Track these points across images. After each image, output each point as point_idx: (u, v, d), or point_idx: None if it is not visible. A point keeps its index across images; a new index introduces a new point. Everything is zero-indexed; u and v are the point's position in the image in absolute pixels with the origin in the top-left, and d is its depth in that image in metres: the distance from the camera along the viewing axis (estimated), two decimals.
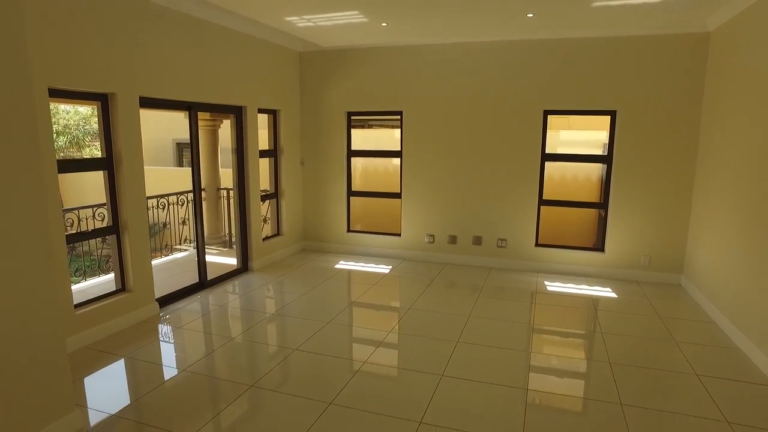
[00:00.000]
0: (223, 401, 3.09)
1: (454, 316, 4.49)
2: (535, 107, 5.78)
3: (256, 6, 4.58)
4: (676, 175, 5.42)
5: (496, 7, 4.42)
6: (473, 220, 6.22)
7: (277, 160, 6.39)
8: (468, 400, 3.11)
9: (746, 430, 2.79)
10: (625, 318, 4.57)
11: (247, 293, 5.17)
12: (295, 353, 3.73)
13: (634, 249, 5.70)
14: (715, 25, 4.89)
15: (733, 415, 2.94)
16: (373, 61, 6.27)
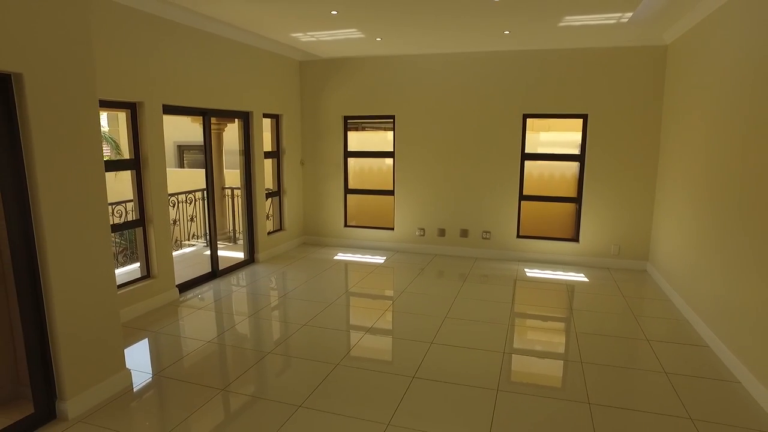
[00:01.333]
0: (246, 365, 3.64)
1: (443, 298, 5.07)
2: (514, 111, 6.39)
3: (267, 25, 5.14)
4: (640, 172, 6.05)
5: (477, 27, 5.01)
6: (460, 215, 6.81)
7: (280, 160, 6.94)
8: (454, 361, 3.68)
9: (680, 378, 3.39)
10: (594, 298, 5.17)
11: (256, 281, 5.71)
12: (304, 327, 4.29)
13: (605, 239, 6.33)
14: (670, 39, 5.53)
15: (671, 366, 3.55)
16: (368, 69, 6.85)
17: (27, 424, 2.77)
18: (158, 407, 3.09)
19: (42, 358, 2.82)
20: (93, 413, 2.94)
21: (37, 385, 2.82)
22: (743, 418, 2.94)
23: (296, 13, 4.59)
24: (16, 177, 2.62)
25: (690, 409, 3.03)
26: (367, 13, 4.54)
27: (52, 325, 2.80)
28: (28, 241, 2.70)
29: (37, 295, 2.77)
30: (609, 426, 2.85)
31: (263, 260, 6.50)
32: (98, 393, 3.05)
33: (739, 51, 3.74)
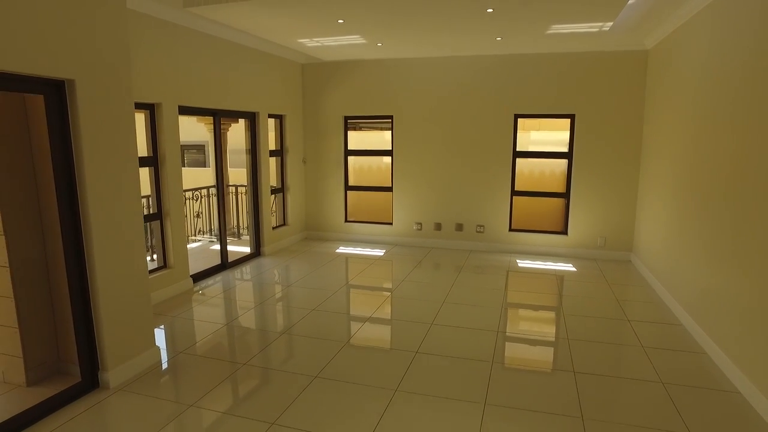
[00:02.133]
0: (263, 343, 3.98)
1: (440, 286, 5.44)
2: (506, 111, 6.78)
3: (277, 32, 5.49)
4: (624, 169, 6.46)
5: (471, 34, 5.39)
6: (455, 210, 7.19)
7: (283, 159, 7.28)
8: (452, 339, 4.05)
9: (655, 351, 3.79)
10: (580, 286, 5.57)
11: (264, 272, 6.05)
12: (313, 312, 4.64)
13: (592, 232, 6.73)
14: (651, 44, 5.94)
15: (648, 342, 3.94)
16: (367, 71, 7.21)
17: (75, 391, 3.10)
18: (188, 378, 3.42)
19: (87, 334, 3.15)
20: (130, 383, 3.28)
21: (84, 358, 3.15)
22: (708, 381, 3.33)
23: (306, 21, 4.94)
24: (67, 171, 2.95)
25: (661, 374, 3.42)
26: (371, 22, 4.90)
27: (96, 305, 3.14)
28: (77, 231, 3.04)
29: (83, 278, 3.10)
30: (590, 390, 3.23)
31: (269, 253, 6.84)
32: (133, 366, 3.38)
33: (709, 56, 4.14)
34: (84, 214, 3.02)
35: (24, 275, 3.25)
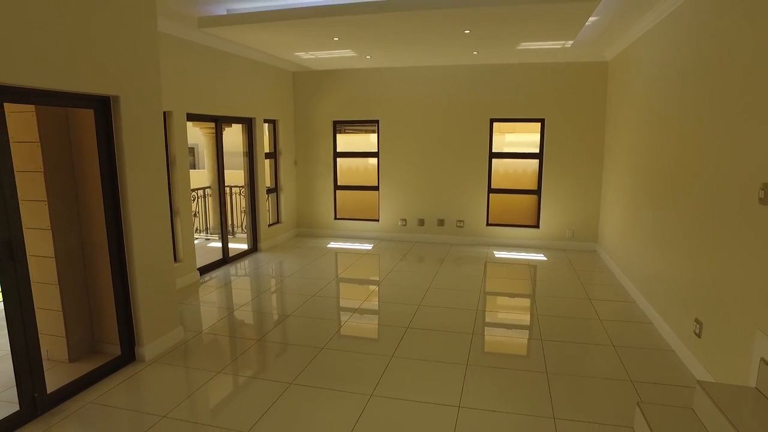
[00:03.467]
0: (272, 324, 4.53)
1: (425, 275, 6.04)
2: (483, 116, 7.43)
3: (277, 47, 6.02)
4: (589, 168, 7.17)
5: (451, 48, 6.02)
6: (437, 206, 7.82)
7: (277, 161, 7.81)
8: (437, 316, 4.66)
9: (611, 323, 4.45)
10: (550, 273, 6.23)
11: (263, 265, 6.57)
12: (313, 297, 5.19)
13: (561, 225, 7.43)
14: (610, 56, 6.65)
15: (605, 315, 4.61)
16: (355, 79, 7.79)
17: (116, 363, 3.61)
18: (211, 352, 3.95)
19: (126, 313, 3.66)
20: (163, 356, 3.80)
21: (123, 334, 3.66)
22: (650, 343, 4.00)
23: (305, 38, 5.49)
24: (112, 175, 3.46)
25: (613, 339, 4.08)
26: (363, 39, 5.49)
27: (134, 288, 3.65)
28: (119, 225, 3.55)
29: (123, 266, 3.61)
30: (554, 353, 3.86)
31: (265, 249, 7.36)
32: (164, 342, 3.90)
33: (656, 69, 4.83)
34: (125, 211, 3.53)
35: (66, 265, 3.75)
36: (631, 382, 3.41)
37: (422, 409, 3.08)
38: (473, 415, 3.00)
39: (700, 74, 3.70)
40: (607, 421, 2.93)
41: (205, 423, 2.96)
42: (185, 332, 4.27)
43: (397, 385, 3.37)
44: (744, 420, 2.37)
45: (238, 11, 4.65)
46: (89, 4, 3.12)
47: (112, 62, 3.31)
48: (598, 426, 2.89)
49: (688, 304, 3.71)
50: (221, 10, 4.64)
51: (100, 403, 3.16)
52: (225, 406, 3.18)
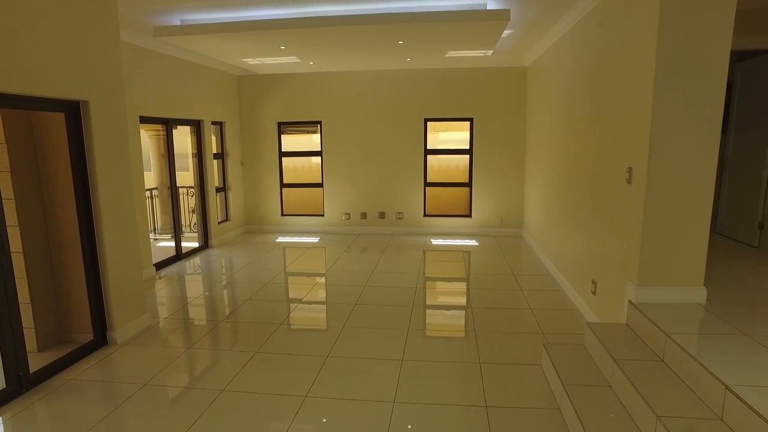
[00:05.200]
0: (229, 309, 4.94)
1: (369, 262, 6.62)
2: (418, 116, 8.11)
3: (226, 54, 6.38)
4: (514, 161, 8.02)
5: (387, 55, 6.63)
6: (378, 200, 8.42)
7: (224, 161, 8.12)
8: (382, 294, 5.24)
9: (531, 292, 5.22)
10: (481, 255, 6.99)
11: (215, 260, 6.91)
12: (267, 285, 5.63)
13: (491, 214, 8.24)
14: (528, 62, 7.51)
15: (526, 286, 5.37)
16: (298, 82, 8.24)
17: (90, 346, 3.92)
18: (179, 333, 4.32)
19: (97, 300, 3.98)
20: (134, 339, 4.15)
21: (95, 320, 3.97)
22: (560, 305, 4.78)
23: (254, 47, 5.90)
24: (83, 174, 3.78)
25: (531, 304, 4.83)
26: (307, 49, 5.99)
27: (105, 277, 3.97)
28: (90, 221, 3.87)
29: (94, 256, 3.93)
30: (482, 318, 4.54)
31: (216, 246, 7.67)
32: (134, 326, 4.24)
33: (560, 73, 5.66)
34: (96, 208, 3.86)
35: (34, 260, 4.01)
36: (542, 334, 4.14)
37: (372, 364, 3.65)
38: (414, 367, 3.60)
39: (587, 81, 4.50)
40: (522, 362, 3.62)
41: (185, 386, 3.38)
42: (150, 319, 4.60)
43: (349, 348, 3.92)
44: (616, 346, 3.11)
45: (191, 22, 5.02)
46: (61, 16, 3.45)
47: (82, 69, 3.64)
48: (515, 366, 3.57)
49: (587, 270, 4.51)
50: (175, 20, 4.99)
51: (82, 378, 3.50)
52: (200, 372, 3.60)
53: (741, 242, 5.40)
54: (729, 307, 3.32)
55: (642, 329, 3.20)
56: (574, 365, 3.21)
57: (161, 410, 3.10)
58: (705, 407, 2.38)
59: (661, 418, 2.29)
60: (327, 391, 3.27)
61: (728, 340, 2.79)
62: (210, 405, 3.11)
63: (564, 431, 2.77)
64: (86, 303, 3.97)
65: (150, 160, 9.09)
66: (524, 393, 3.21)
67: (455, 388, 3.28)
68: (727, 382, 2.28)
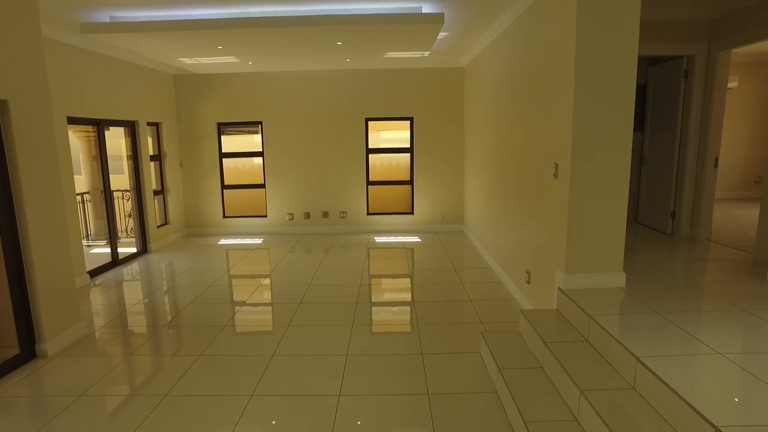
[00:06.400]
0: (170, 314, 4.84)
1: (314, 261, 6.65)
2: (359, 115, 8.20)
3: (161, 52, 6.18)
4: (453, 159, 8.27)
5: (326, 56, 6.67)
6: (321, 200, 8.45)
7: (162, 163, 7.88)
8: (326, 292, 5.30)
9: (471, 285, 5.43)
10: (424, 251, 7.18)
11: (154, 264, 6.70)
12: (209, 288, 5.55)
13: (433, 210, 8.46)
14: (465, 63, 7.78)
15: (466, 279, 5.59)
16: (238, 83, 8.12)
17: (16, 361, 3.73)
18: (117, 341, 4.19)
19: (24, 312, 3.79)
20: (67, 349, 3.99)
21: (21, 332, 3.79)
22: (499, 295, 5.01)
23: (190, 46, 5.76)
24: (3, 177, 3.60)
25: (471, 296, 5.04)
26: (245, 49, 5.92)
27: (32, 286, 3.79)
28: (14, 228, 3.68)
29: (19, 265, 3.74)
30: (424, 312, 4.69)
31: (155, 250, 7.44)
32: (67, 337, 4.07)
33: (492, 74, 5.92)
34: (20, 213, 3.68)
35: None
36: (482, 323, 4.34)
37: (317, 361, 3.70)
38: (359, 361, 3.69)
39: (517, 82, 4.76)
40: (463, 351, 3.79)
41: (125, 394, 3.31)
42: (86, 327, 4.43)
43: (294, 346, 3.95)
44: (547, 330, 3.33)
45: (121, 19, 4.86)
46: None
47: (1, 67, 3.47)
48: (455, 355, 3.74)
49: (521, 261, 4.76)
50: (104, 17, 4.82)
51: (5, 396, 3.33)
52: (141, 379, 3.53)
53: (658, 230, 5.86)
54: (645, 289, 3.63)
55: (569, 313, 3.44)
56: (509, 350, 3.41)
57: (99, 421, 3.02)
58: (621, 379, 2.62)
59: (584, 392, 2.50)
60: (272, 389, 3.30)
61: (642, 318, 3.06)
62: (152, 411, 3.06)
63: (500, 412, 2.95)
64: (11, 314, 3.77)
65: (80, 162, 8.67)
66: (464, 379, 3.38)
67: (398, 379, 3.40)
68: (638, 354, 2.52)
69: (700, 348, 2.61)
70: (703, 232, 5.41)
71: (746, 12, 4.73)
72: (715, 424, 1.94)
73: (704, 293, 3.57)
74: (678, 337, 2.75)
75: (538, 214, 4.24)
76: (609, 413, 2.32)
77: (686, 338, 2.74)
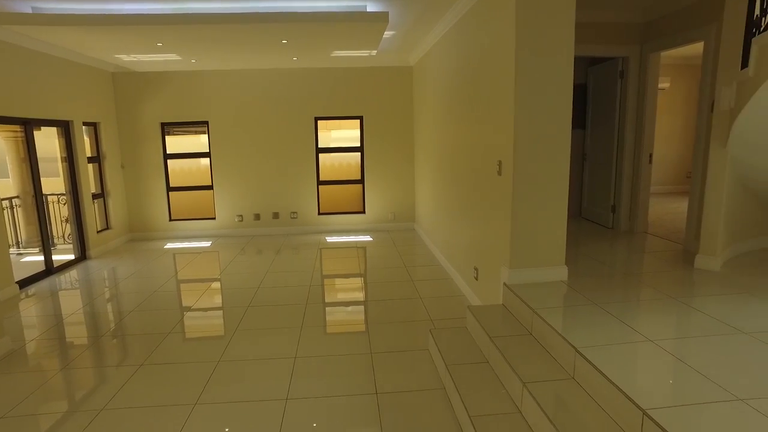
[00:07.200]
0: (111, 322, 4.62)
1: (263, 263, 6.52)
2: (308, 114, 8.11)
3: (94, 49, 5.88)
4: (403, 157, 8.31)
5: (272, 54, 6.55)
6: (271, 200, 8.31)
7: (101, 164, 7.52)
8: (276, 294, 5.20)
9: (422, 283, 5.47)
10: (375, 250, 7.18)
11: (94, 272, 6.38)
12: (153, 294, 5.33)
13: (384, 209, 8.48)
14: (413, 62, 7.83)
15: (418, 277, 5.63)
16: (182, 81, 7.85)
17: None
18: (47, 356, 3.95)
19: None
20: None
21: None
22: (448, 292, 5.07)
23: (126, 43, 5.52)
24: None
25: (422, 294, 5.08)
26: (187, 46, 5.73)
27: None
28: None
29: None
30: (375, 309, 4.69)
31: (95, 256, 7.09)
32: None
33: (438, 74, 5.98)
34: None
35: None
36: (431, 320, 4.38)
37: (265, 365, 3.63)
38: (307, 363, 3.64)
39: (462, 81, 4.83)
40: (412, 349, 3.81)
41: (57, 411, 3.12)
42: (12, 342, 4.16)
43: (242, 351, 3.86)
44: (492, 325, 3.39)
45: (45, 11, 4.58)
46: None
47: None
48: (405, 353, 3.75)
49: (470, 257, 4.84)
50: (26, 7, 4.52)
51: None
52: (76, 394, 3.34)
53: (600, 224, 6.10)
54: (586, 281, 3.76)
55: (514, 308, 3.52)
56: (457, 346, 3.45)
57: None
58: (562, 370, 2.70)
59: (526, 384, 2.55)
60: (217, 397, 3.20)
61: (582, 310, 3.16)
62: (86, 427, 2.91)
63: (448, 408, 2.98)
64: None
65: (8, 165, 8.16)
66: (413, 377, 3.39)
67: (347, 380, 3.37)
68: (577, 345, 2.60)
69: (634, 336, 2.72)
70: (641, 224, 5.67)
71: (673, 17, 4.99)
72: (643, 407, 2.02)
73: (640, 283, 3.73)
74: (614, 327, 2.86)
75: (484, 212, 4.31)
76: (549, 403, 2.38)
77: (622, 328, 2.85)
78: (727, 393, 2.12)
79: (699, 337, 2.71)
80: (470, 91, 4.60)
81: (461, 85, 4.92)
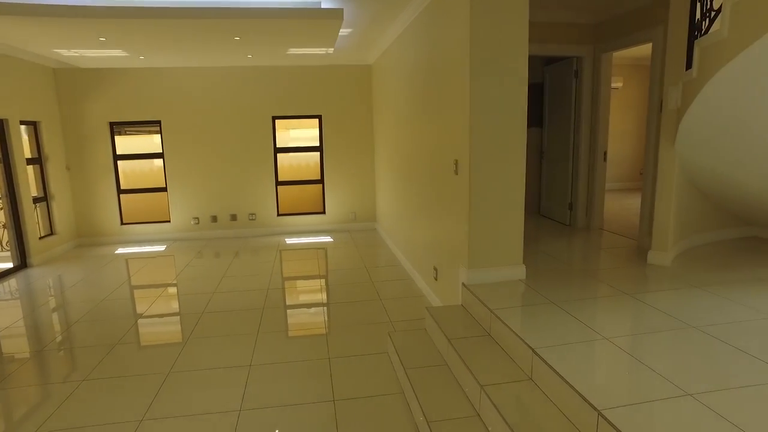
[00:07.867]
0: (56, 333, 4.35)
1: (220, 267, 6.32)
2: (266, 114, 7.92)
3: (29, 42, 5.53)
4: (364, 156, 8.23)
5: (225, 51, 6.34)
6: (228, 202, 8.07)
7: (43, 166, 7.12)
8: (232, 299, 5.03)
9: (381, 283, 5.40)
10: (336, 250, 7.07)
11: (36, 280, 6.03)
12: (102, 302, 5.07)
13: (345, 209, 8.37)
14: (372, 60, 7.75)
15: (376, 277, 5.56)
16: (132, 79, 7.52)
17: None
18: None
19: None
20: None
21: None
22: (409, 293, 5.02)
23: (64, 37, 5.21)
24: None
25: (382, 295, 5.01)
26: (132, 41, 5.46)
27: None
28: None
29: None
30: (335, 311, 4.59)
31: (38, 264, 6.70)
32: None
33: (400, 71, 5.93)
34: None
35: None
36: (391, 322, 4.31)
37: (218, 374, 3.48)
38: (263, 371, 3.52)
39: (419, 80, 4.78)
40: (371, 352, 3.73)
41: None
42: None
43: (194, 360, 3.69)
44: (451, 326, 3.35)
45: None
46: None
47: None
48: (363, 357, 3.67)
49: (429, 257, 4.80)
50: None
51: None
52: (5, 417, 3.11)
53: (558, 221, 6.19)
54: (543, 280, 3.77)
55: (473, 308, 3.50)
56: (415, 349, 3.40)
57: None
58: (520, 371, 2.68)
59: (484, 387, 2.52)
60: (166, 411, 3.04)
61: (539, 309, 3.16)
62: None
63: (406, 412, 2.92)
64: None
65: None
66: (371, 382, 3.31)
67: (303, 387, 3.27)
68: (534, 345, 2.59)
69: (590, 335, 2.73)
70: (597, 221, 5.78)
71: (623, 19, 5.09)
72: (598, 407, 2.01)
73: (596, 281, 3.78)
74: (571, 326, 2.86)
75: (442, 211, 4.28)
76: (507, 406, 2.36)
77: (578, 326, 2.85)
78: (677, 389, 2.14)
79: (651, 333, 2.74)
80: (427, 90, 4.56)
81: (418, 84, 4.88)
